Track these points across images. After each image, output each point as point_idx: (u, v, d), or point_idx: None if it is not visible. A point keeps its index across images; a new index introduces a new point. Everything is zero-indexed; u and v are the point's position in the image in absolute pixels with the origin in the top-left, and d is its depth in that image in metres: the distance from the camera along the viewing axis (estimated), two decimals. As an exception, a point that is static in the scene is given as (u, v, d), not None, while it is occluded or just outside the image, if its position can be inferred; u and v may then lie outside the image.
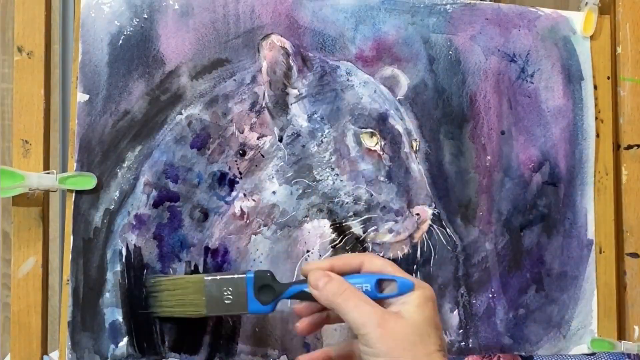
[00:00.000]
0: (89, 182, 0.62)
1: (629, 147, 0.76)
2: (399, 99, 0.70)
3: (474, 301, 0.70)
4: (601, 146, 0.75)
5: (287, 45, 0.67)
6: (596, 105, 0.75)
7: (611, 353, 0.72)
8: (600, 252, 0.74)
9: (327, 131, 0.67)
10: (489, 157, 0.72)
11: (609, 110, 0.76)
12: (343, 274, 0.56)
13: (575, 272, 0.73)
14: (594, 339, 0.72)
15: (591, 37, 0.76)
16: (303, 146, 0.67)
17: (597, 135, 0.75)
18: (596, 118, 0.75)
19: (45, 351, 0.62)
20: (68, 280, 0.61)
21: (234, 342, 0.64)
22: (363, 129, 0.68)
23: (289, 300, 0.64)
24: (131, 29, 0.65)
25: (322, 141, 0.67)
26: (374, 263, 0.56)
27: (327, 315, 0.59)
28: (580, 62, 0.76)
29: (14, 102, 0.63)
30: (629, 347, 0.72)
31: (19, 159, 0.63)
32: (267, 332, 0.65)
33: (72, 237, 0.62)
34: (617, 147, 0.76)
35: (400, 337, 0.51)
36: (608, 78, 0.76)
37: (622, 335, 0.74)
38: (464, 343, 0.69)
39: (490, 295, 0.71)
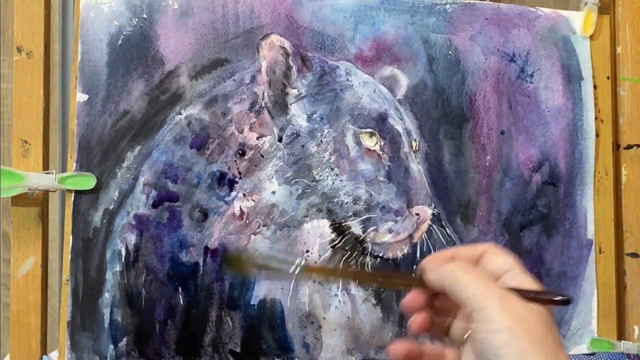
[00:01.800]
0: (88, 182, 0.61)
1: (629, 147, 0.74)
2: (398, 99, 0.69)
3: (473, 301, 0.69)
4: (601, 146, 0.74)
5: (287, 45, 0.66)
6: (596, 105, 0.74)
7: (611, 353, 0.70)
8: (600, 252, 0.73)
9: (326, 131, 0.66)
10: (488, 157, 0.71)
11: (609, 110, 0.74)
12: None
13: (574, 272, 0.72)
14: (594, 339, 0.71)
15: (591, 37, 0.75)
16: (302, 146, 0.66)
17: (597, 135, 0.74)
18: (596, 118, 0.74)
19: (44, 351, 0.61)
20: (67, 281, 0.60)
21: (234, 343, 0.63)
22: (362, 129, 0.66)
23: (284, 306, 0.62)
24: (130, 29, 0.63)
25: (321, 141, 0.66)
26: (496, 260, 0.46)
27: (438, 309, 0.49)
28: (580, 62, 0.74)
29: (14, 102, 0.62)
30: (628, 347, 0.71)
31: (18, 159, 0.62)
32: (265, 334, 0.64)
33: (71, 237, 0.61)
34: (616, 147, 0.74)
35: (524, 317, 0.41)
36: (608, 78, 0.75)
37: (621, 335, 0.73)
38: (463, 343, 0.68)
39: (490, 295, 0.69)
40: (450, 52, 0.71)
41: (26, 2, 0.63)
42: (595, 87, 0.74)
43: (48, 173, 0.61)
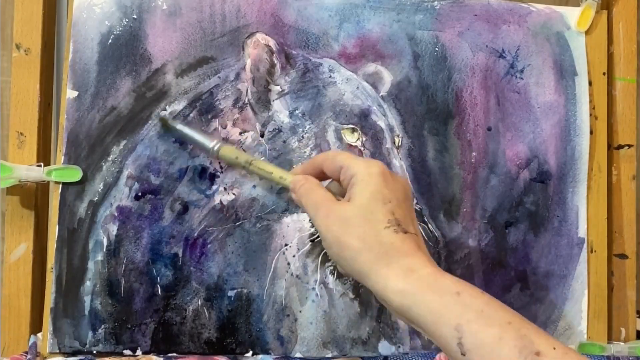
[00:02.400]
0: (74, 174, 0.58)
1: (619, 147, 0.66)
2: (382, 95, 0.63)
3: (455, 298, 0.62)
4: (596, 143, 0.66)
5: (272, 43, 0.61)
6: (591, 101, 0.66)
7: (593, 355, 0.62)
8: (592, 252, 0.65)
9: (308, 127, 0.61)
10: (474, 154, 0.64)
11: (604, 107, 0.66)
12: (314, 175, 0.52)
13: (564, 271, 0.64)
14: (583, 343, 0.63)
15: (586, 33, 0.67)
16: (284, 142, 0.60)
17: (591, 132, 0.65)
18: (590, 115, 0.65)
19: (34, 333, 0.58)
20: (52, 268, 0.57)
21: (209, 334, 0.58)
22: (344, 125, 0.61)
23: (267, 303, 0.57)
24: (120, 28, 0.60)
25: (303, 137, 0.61)
26: (328, 154, 0.51)
27: None
28: (574, 58, 0.66)
29: (12, 96, 0.61)
30: (619, 349, 0.63)
31: (14, 150, 0.60)
32: (240, 325, 0.59)
33: (57, 227, 0.57)
34: (608, 146, 0.66)
35: (344, 221, 0.45)
36: (604, 74, 0.67)
37: (610, 336, 0.64)
38: (444, 340, 0.61)
39: (472, 293, 0.62)
40: (437, 48, 0.64)
41: (26, 1, 0.61)
42: (590, 83, 0.66)
43: (38, 165, 0.58)
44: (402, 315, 0.43)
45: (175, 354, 0.58)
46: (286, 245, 0.60)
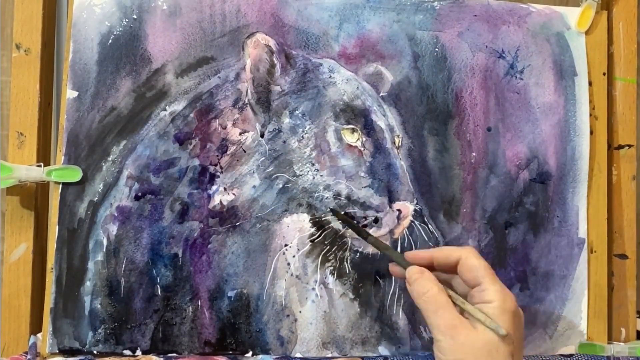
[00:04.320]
0: (74, 174, 0.58)
1: (619, 147, 0.65)
2: (382, 96, 0.62)
3: (455, 298, 0.61)
4: (596, 143, 0.65)
5: (272, 43, 0.61)
6: (591, 101, 0.65)
7: (591, 355, 0.61)
8: (592, 252, 0.64)
9: (308, 127, 0.60)
10: (474, 154, 0.63)
11: (604, 107, 0.65)
12: (443, 266, 0.52)
13: (564, 271, 0.64)
14: (583, 343, 0.63)
15: (587, 33, 0.66)
16: (284, 142, 0.60)
17: (591, 132, 0.65)
18: (590, 115, 0.65)
19: (33, 333, 0.58)
20: (52, 269, 0.56)
21: (209, 334, 0.58)
22: (344, 125, 0.60)
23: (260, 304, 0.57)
24: (120, 29, 0.60)
25: (302, 137, 0.60)
26: (469, 263, 0.50)
27: None
28: (574, 58, 0.66)
29: (12, 96, 0.61)
30: (619, 349, 0.62)
31: (14, 150, 0.60)
32: (240, 326, 0.58)
33: (57, 227, 0.57)
34: (607, 146, 0.65)
35: (470, 351, 0.47)
36: (604, 74, 0.66)
37: (611, 336, 0.64)
38: (443, 340, 0.61)
39: (472, 293, 0.62)
40: (436, 49, 0.63)
41: (25, 1, 0.61)
42: (590, 83, 0.66)
43: (38, 166, 0.58)
44: None
45: (175, 354, 0.58)
46: (286, 245, 0.60)
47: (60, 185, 0.58)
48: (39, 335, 0.58)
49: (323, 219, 0.60)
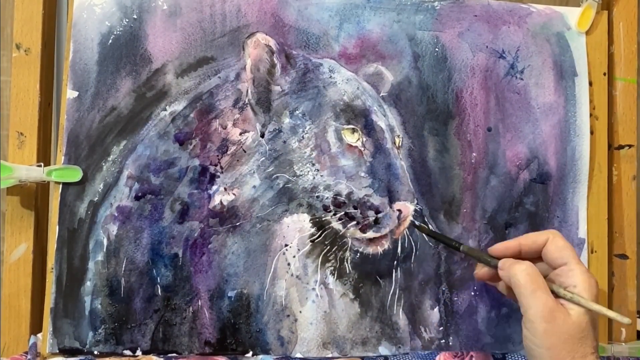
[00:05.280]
0: (75, 174, 0.58)
1: (620, 147, 0.65)
2: (382, 96, 0.62)
3: (455, 298, 0.62)
4: (596, 144, 0.65)
5: (272, 43, 0.61)
6: (591, 101, 0.65)
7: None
8: (592, 252, 0.64)
9: (308, 127, 0.60)
10: (474, 154, 0.63)
11: (605, 107, 0.65)
12: (530, 251, 0.54)
13: (563, 271, 0.63)
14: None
15: (587, 33, 0.66)
16: (284, 142, 0.60)
17: (592, 133, 0.65)
18: (591, 115, 0.65)
19: (34, 333, 0.58)
20: (52, 269, 0.56)
21: (209, 334, 0.58)
22: (344, 126, 0.60)
23: (262, 304, 0.57)
24: (121, 29, 0.60)
25: (303, 137, 0.60)
26: (556, 244, 0.52)
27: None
28: (575, 58, 0.66)
29: (12, 96, 0.60)
30: (619, 349, 0.62)
31: (14, 150, 0.60)
32: (240, 326, 0.58)
33: (57, 227, 0.57)
34: (608, 146, 0.65)
35: (564, 336, 0.47)
36: (604, 74, 0.66)
37: (611, 337, 0.63)
38: (444, 341, 0.61)
39: (472, 293, 0.62)
40: (437, 49, 0.63)
41: (25, 1, 0.61)
42: (590, 83, 0.66)
43: (39, 166, 0.58)
44: None
45: (175, 354, 0.58)
46: (286, 245, 0.60)
47: (61, 185, 0.58)
48: (39, 335, 0.58)
49: (323, 219, 0.60)
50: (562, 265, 0.51)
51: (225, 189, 0.59)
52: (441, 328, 0.62)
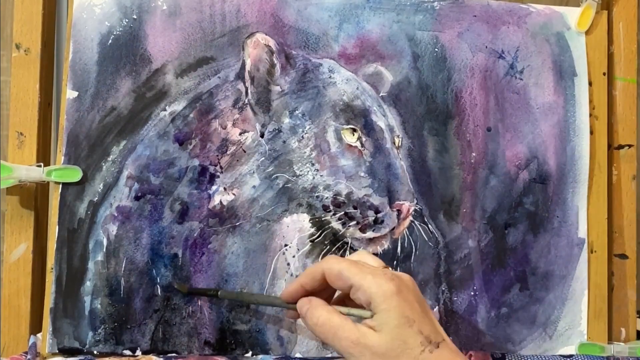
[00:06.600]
0: (74, 174, 0.58)
1: (620, 147, 0.65)
2: (381, 96, 0.62)
3: (455, 298, 0.62)
4: (596, 143, 0.65)
5: (272, 43, 0.61)
6: (591, 101, 0.65)
7: (591, 355, 0.61)
8: (592, 252, 0.64)
9: (308, 127, 0.60)
10: (474, 154, 0.63)
11: (604, 107, 0.65)
12: (318, 286, 0.50)
13: (563, 271, 0.64)
14: (582, 343, 0.63)
15: (587, 33, 0.66)
16: (284, 142, 0.60)
17: (591, 132, 0.65)
18: (590, 115, 0.65)
19: (33, 333, 0.58)
20: (52, 269, 0.56)
21: (209, 334, 0.58)
22: (344, 125, 0.60)
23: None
24: (120, 29, 0.60)
25: (302, 137, 0.60)
26: (333, 273, 0.48)
27: None
28: (574, 58, 0.66)
29: (11, 96, 0.60)
30: (619, 349, 0.62)
31: (13, 150, 0.60)
32: (240, 326, 0.58)
33: (57, 227, 0.57)
34: (607, 146, 0.65)
35: (384, 351, 0.44)
36: (604, 74, 0.66)
37: (611, 336, 0.63)
38: (443, 340, 0.61)
39: (472, 293, 0.62)
40: (436, 49, 0.63)
41: (25, 1, 0.61)
42: (590, 83, 0.66)
43: (38, 166, 0.57)
44: None
45: (175, 354, 0.58)
46: (286, 245, 0.60)
47: (60, 185, 0.58)
48: (39, 335, 0.58)
49: (323, 219, 0.60)
50: (349, 287, 0.47)
51: (225, 189, 0.59)
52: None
